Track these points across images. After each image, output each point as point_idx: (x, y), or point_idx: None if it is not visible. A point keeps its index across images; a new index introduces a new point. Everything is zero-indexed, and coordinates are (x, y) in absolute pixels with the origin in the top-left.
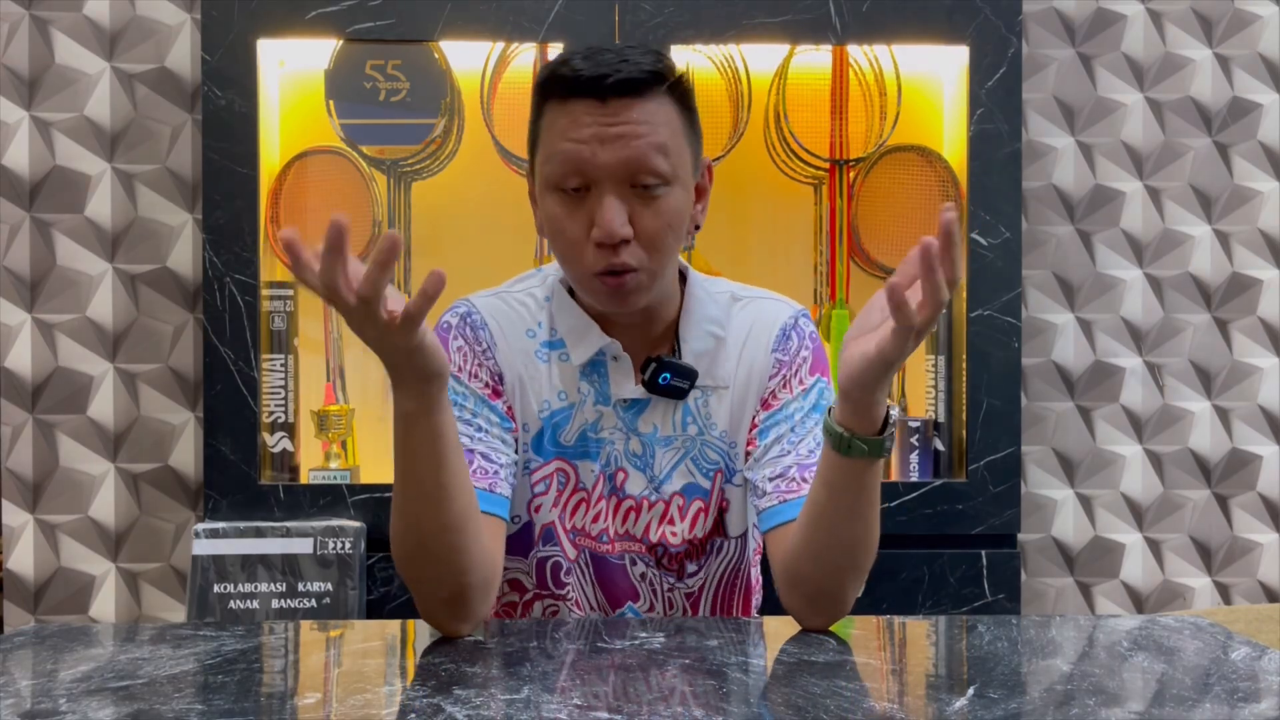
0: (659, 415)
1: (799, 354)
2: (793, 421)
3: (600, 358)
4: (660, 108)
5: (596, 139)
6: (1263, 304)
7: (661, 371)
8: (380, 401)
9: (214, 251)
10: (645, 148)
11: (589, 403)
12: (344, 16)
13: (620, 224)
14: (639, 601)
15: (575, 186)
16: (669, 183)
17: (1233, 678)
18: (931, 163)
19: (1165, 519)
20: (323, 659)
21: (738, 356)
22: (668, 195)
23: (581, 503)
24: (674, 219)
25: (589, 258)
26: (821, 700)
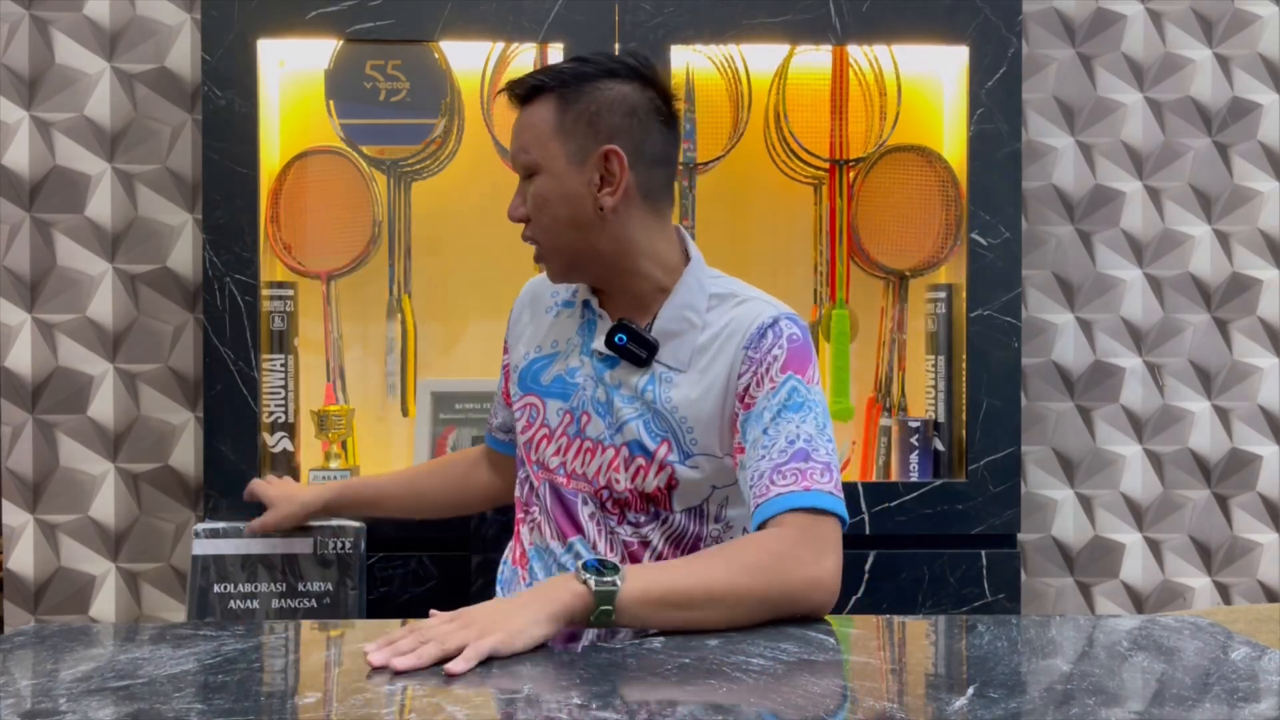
0: (624, 374)
1: (770, 351)
2: (763, 423)
3: (590, 312)
4: (538, 111)
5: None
6: (1262, 304)
7: (619, 333)
8: (380, 401)
9: (214, 251)
10: (514, 145)
11: (576, 352)
12: (344, 16)
13: (512, 207)
14: (585, 538)
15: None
16: (537, 171)
17: (1232, 678)
18: (931, 163)
19: (1165, 519)
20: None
21: (708, 348)
22: (537, 181)
23: (544, 439)
24: (544, 197)
25: None
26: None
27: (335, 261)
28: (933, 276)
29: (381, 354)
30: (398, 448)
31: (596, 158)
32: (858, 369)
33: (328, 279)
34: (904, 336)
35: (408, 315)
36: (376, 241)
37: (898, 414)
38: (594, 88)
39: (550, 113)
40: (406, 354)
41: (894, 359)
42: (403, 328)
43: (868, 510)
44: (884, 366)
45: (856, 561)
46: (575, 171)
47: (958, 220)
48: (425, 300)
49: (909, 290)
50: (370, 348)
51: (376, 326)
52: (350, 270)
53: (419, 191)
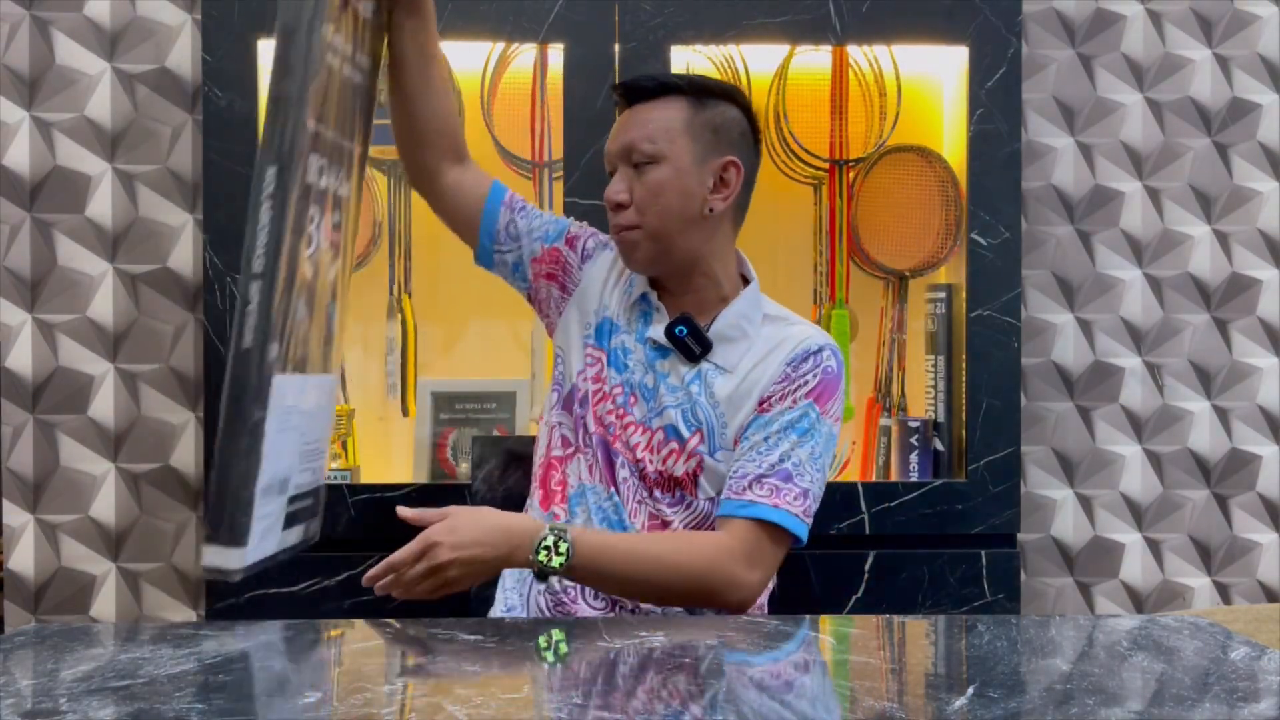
0: (673, 365)
1: (807, 374)
2: (769, 431)
3: (647, 304)
4: (667, 108)
5: (613, 136)
6: (1262, 304)
7: (680, 325)
8: (380, 401)
9: (214, 251)
10: (637, 135)
11: (632, 336)
12: None
13: (615, 191)
14: (620, 495)
15: (610, 171)
16: (656, 161)
17: (1232, 678)
18: (931, 163)
19: (1165, 519)
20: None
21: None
22: (654, 171)
23: (604, 397)
24: (661, 185)
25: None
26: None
27: None
28: (933, 276)
29: (381, 354)
30: (398, 448)
31: (717, 164)
32: (858, 369)
33: None
34: (904, 336)
35: (408, 315)
36: (376, 241)
37: (897, 414)
38: (718, 102)
39: (680, 112)
40: (406, 354)
41: (894, 359)
42: (403, 328)
43: (867, 510)
44: (884, 366)
45: (856, 561)
46: (695, 171)
47: (957, 220)
48: (425, 300)
49: (909, 290)
50: (370, 348)
51: (376, 326)
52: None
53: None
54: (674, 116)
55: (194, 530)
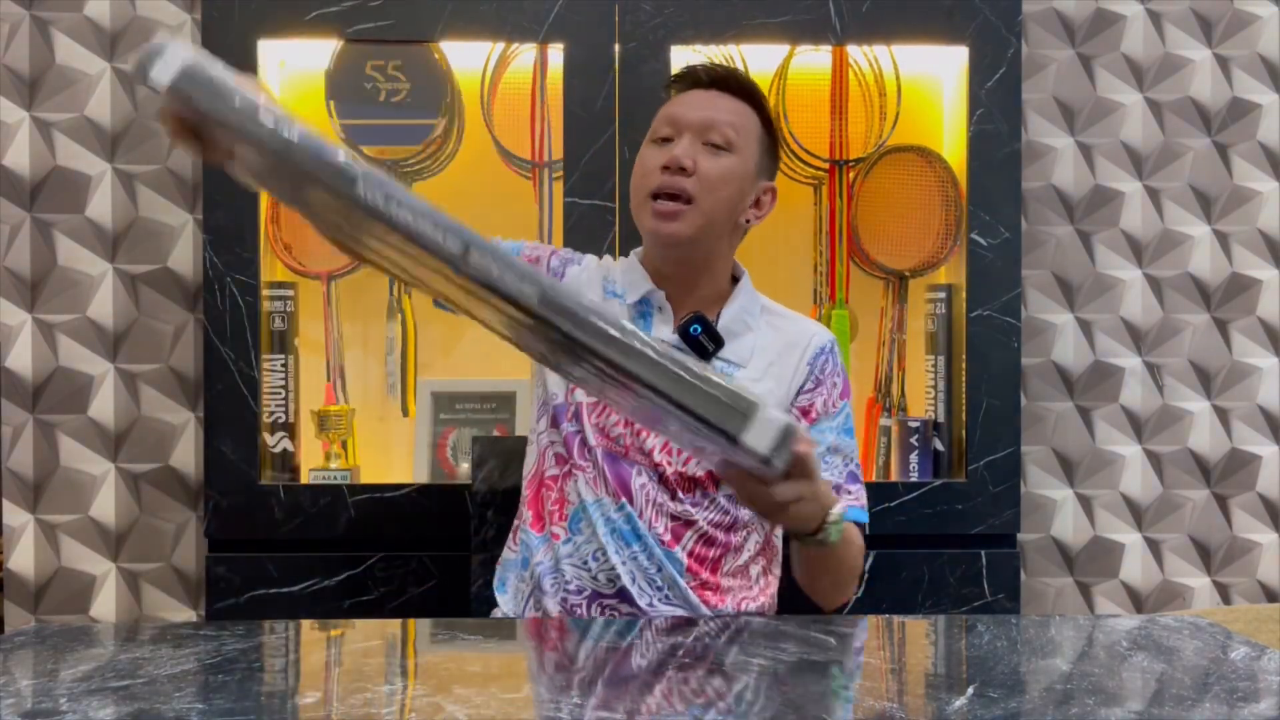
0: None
1: (833, 376)
2: (827, 442)
3: (647, 305)
4: (744, 108)
5: (690, 107)
6: (1262, 304)
7: (694, 324)
8: (380, 401)
9: (214, 252)
10: (719, 117)
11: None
12: (344, 17)
13: (685, 152)
14: (634, 506)
15: (665, 136)
16: (732, 150)
17: (1232, 678)
18: (931, 163)
19: (1165, 519)
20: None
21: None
22: (729, 158)
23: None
24: (729, 175)
25: (653, 180)
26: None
27: (335, 261)
28: (932, 276)
29: (381, 354)
30: (398, 448)
31: (764, 186)
32: (858, 369)
33: (328, 279)
34: (904, 336)
35: (408, 315)
36: None
37: (897, 414)
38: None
39: (755, 121)
40: (406, 354)
41: (894, 359)
42: (403, 328)
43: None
44: (884, 366)
45: None
46: (751, 180)
47: (957, 220)
48: (425, 300)
49: (909, 290)
50: (370, 348)
51: (376, 326)
52: (350, 270)
53: (419, 191)
54: (753, 121)
55: (193, 530)
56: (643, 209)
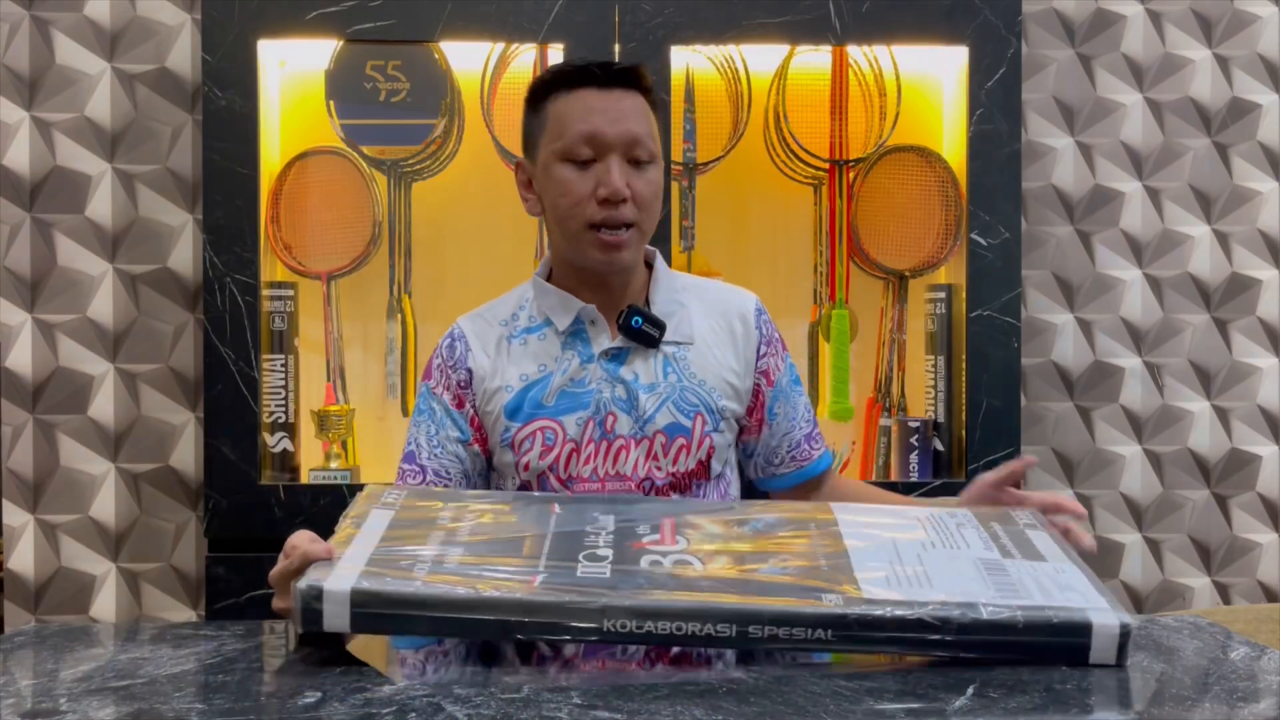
0: (639, 364)
1: (774, 333)
2: (790, 401)
3: (580, 326)
4: (643, 105)
5: (604, 116)
6: (1262, 304)
7: (634, 316)
8: (380, 401)
9: (214, 252)
10: (641, 130)
11: (574, 364)
12: (344, 17)
13: (623, 184)
14: None
15: (586, 158)
16: (654, 161)
17: (1232, 678)
18: (931, 163)
19: (1165, 519)
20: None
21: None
22: (653, 170)
23: (573, 453)
24: (658, 190)
25: (590, 212)
26: (821, 700)
27: (335, 261)
28: (932, 276)
29: (381, 354)
30: (397, 448)
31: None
32: (857, 369)
33: (328, 279)
34: (904, 336)
35: (408, 315)
36: (376, 241)
37: (897, 414)
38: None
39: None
40: (406, 354)
41: (894, 359)
42: (403, 328)
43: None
44: (884, 366)
45: None
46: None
47: (957, 220)
48: (425, 300)
49: (909, 290)
50: (370, 348)
51: (376, 326)
52: (350, 270)
53: (419, 191)
54: (651, 115)
55: (193, 530)
56: (580, 239)
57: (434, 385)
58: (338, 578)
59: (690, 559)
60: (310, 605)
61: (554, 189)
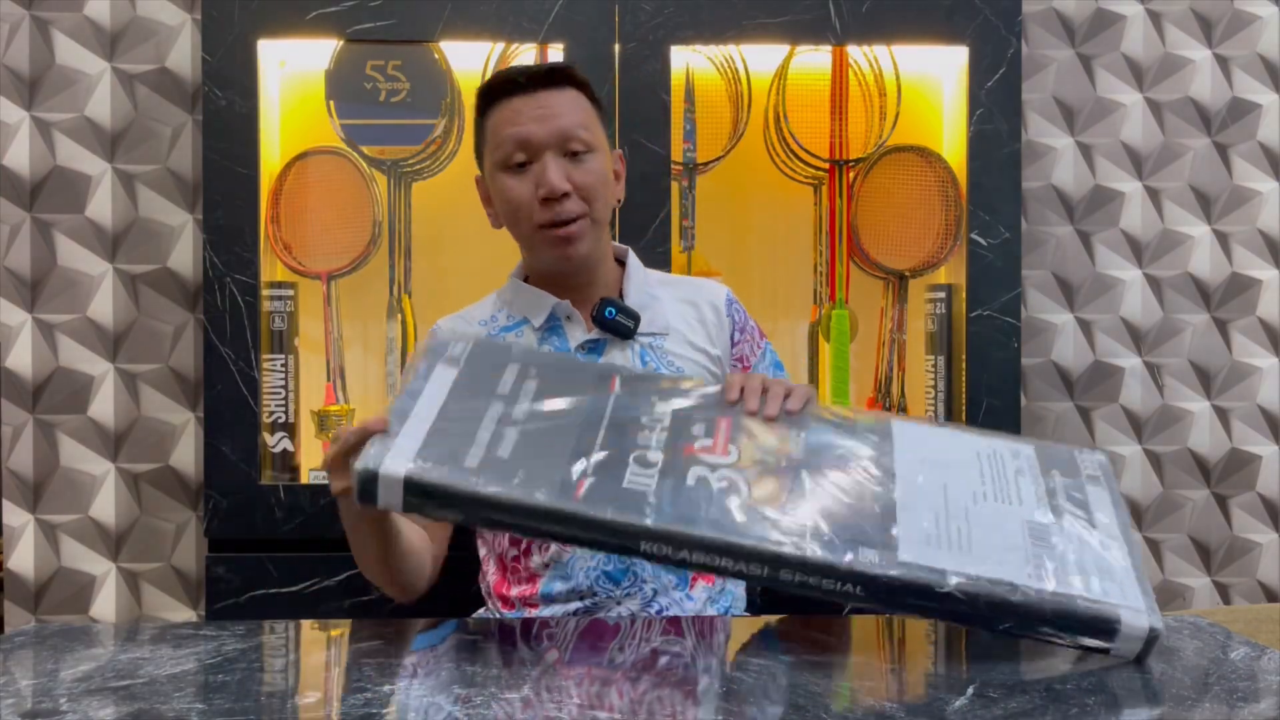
0: (615, 356)
1: (747, 321)
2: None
3: (555, 321)
4: (574, 96)
5: (532, 120)
6: (1262, 304)
7: (607, 307)
8: (380, 402)
9: (214, 252)
10: (570, 123)
11: None
12: (344, 17)
13: (560, 179)
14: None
15: (521, 161)
16: (592, 150)
17: (1232, 678)
18: (931, 163)
19: (1165, 519)
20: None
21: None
22: (593, 159)
23: None
24: (602, 176)
25: (537, 214)
26: (821, 700)
27: (335, 261)
28: (932, 276)
29: (381, 354)
30: None
31: (615, 156)
32: (857, 369)
33: (328, 279)
34: (904, 336)
35: (408, 315)
36: (376, 241)
37: (898, 414)
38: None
39: (586, 101)
40: (406, 354)
41: (894, 359)
42: (403, 328)
43: None
44: (884, 366)
45: None
46: (609, 159)
47: (957, 220)
48: (425, 300)
49: (909, 290)
50: (370, 348)
51: (376, 326)
52: (350, 270)
53: (419, 191)
54: (586, 106)
55: (193, 530)
56: (534, 239)
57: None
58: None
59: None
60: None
61: (500, 199)
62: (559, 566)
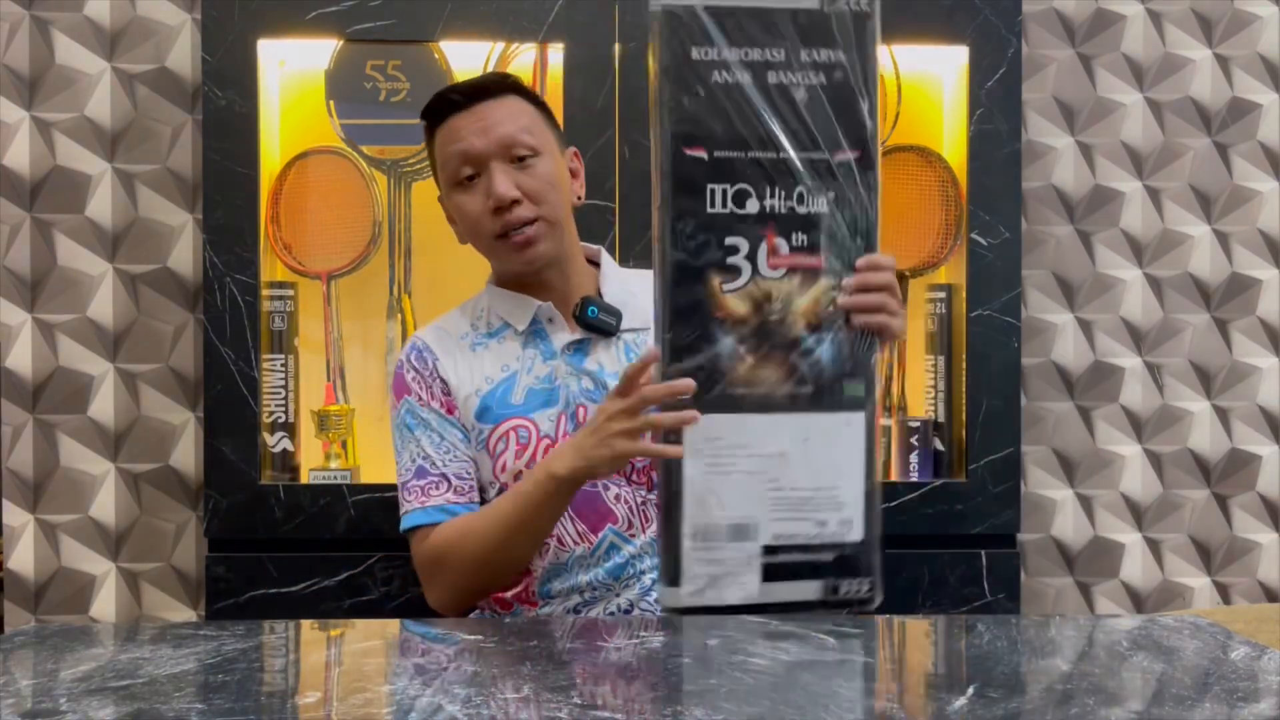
0: (602, 354)
1: None
2: None
3: (538, 325)
4: (514, 102)
5: (474, 134)
6: (1262, 304)
7: (589, 306)
8: (380, 402)
9: (214, 251)
10: (511, 129)
11: (537, 362)
12: (344, 16)
13: (507, 187)
14: (618, 523)
15: (469, 175)
16: (538, 153)
17: (1232, 678)
18: (931, 163)
19: (1165, 519)
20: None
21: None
22: (540, 162)
23: (548, 449)
24: (550, 179)
25: (490, 225)
26: (821, 700)
27: (335, 261)
28: (933, 276)
29: (381, 354)
30: None
31: (569, 154)
32: None
33: (328, 279)
34: (904, 336)
35: (408, 315)
36: (376, 241)
37: (897, 414)
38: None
39: (527, 105)
40: None
41: (894, 359)
42: (403, 328)
43: None
44: (884, 366)
45: None
46: (562, 162)
47: (957, 220)
48: (425, 300)
49: (909, 290)
50: (370, 348)
51: (376, 326)
52: (350, 270)
53: (419, 191)
54: (528, 110)
55: (194, 530)
56: (495, 250)
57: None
58: None
59: None
60: None
61: (457, 215)
62: (557, 568)
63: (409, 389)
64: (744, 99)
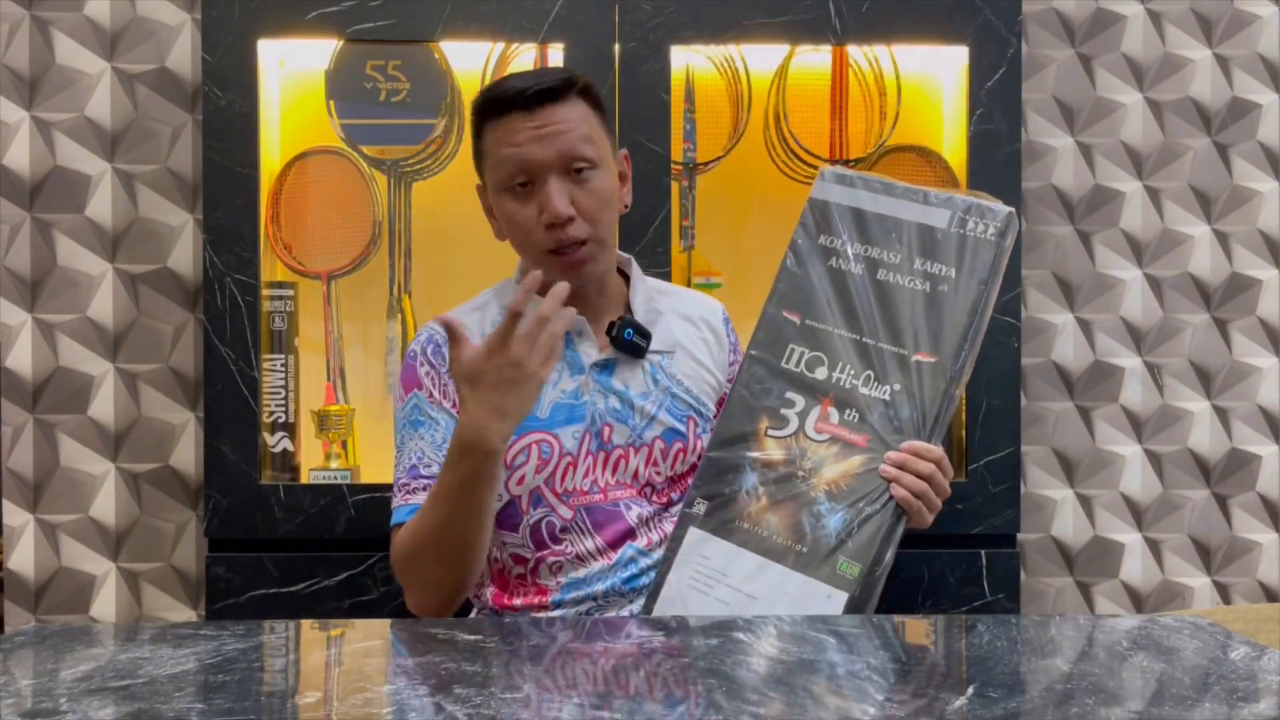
0: (628, 374)
1: (738, 342)
2: None
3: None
4: (576, 108)
5: (532, 140)
6: (1262, 304)
7: (625, 328)
8: (380, 401)
9: (214, 251)
10: (573, 140)
11: (565, 375)
12: (344, 16)
13: (564, 205)
14: (638, 540)
15: (522, 183)
16: (596, 166)
17: (1232, 678)
18: (931, 163)
19: (1165, 519)
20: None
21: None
22: (597, 176)
23: (569, 466)
24: (606, 195)
25: (542, 239)
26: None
27: (335, 261)
28: None
29: (381, 354)
30: None
31: (620, 157)
32: None
33: (328, 279)
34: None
35: (408, 315)
36: (376, 241)
37: None
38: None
39: (589, 110)
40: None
41: None
42: (403, 328)
43: None
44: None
45: None
46: (614, 170)
47: None
48: (425, 300)
49: None
50: (370, 348)
51: (376, 326)
52: (350, 270)
53: (419, 191)
54: (590, 117)
55: (193, 530)
56: (542, 264)
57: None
58: None
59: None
60: None
61: (504, 220)
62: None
63: (419, 383)
64: (849, 285)
